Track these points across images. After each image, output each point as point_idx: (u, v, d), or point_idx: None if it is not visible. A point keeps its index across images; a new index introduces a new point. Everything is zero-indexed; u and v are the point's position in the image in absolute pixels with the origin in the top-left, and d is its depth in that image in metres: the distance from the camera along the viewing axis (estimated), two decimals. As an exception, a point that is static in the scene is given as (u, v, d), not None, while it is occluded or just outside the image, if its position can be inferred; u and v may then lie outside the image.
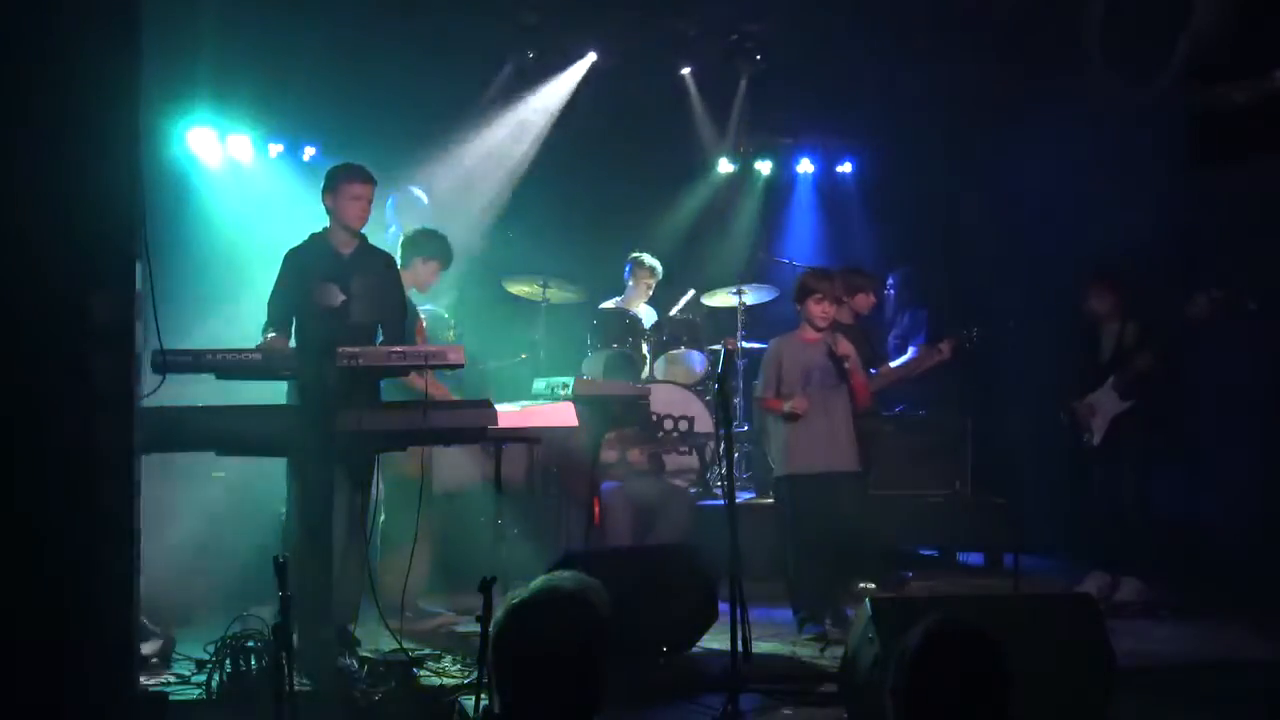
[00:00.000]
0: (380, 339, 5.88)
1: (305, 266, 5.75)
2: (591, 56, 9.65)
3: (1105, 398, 7.37)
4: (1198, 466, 7.79)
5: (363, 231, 5.91)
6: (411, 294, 6.89)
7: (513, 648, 2.52)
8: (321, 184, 5.87)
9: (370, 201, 5.86)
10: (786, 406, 6.54)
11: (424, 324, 6.96)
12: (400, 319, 5.97)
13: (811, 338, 6.67)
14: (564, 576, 2.64)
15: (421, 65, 8.86)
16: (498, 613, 2.58)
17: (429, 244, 6.91)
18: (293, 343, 5.66)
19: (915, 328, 8.83)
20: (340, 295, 5.66)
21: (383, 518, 6.53)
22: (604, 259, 9.38)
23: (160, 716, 4.30)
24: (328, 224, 5.85)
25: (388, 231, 8.22)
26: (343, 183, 5.79)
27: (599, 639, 2.54)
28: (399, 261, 6.92)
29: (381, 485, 6.50)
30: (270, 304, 5.76)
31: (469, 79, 9.39)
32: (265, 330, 5.71)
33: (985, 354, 7.61)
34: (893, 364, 7.89)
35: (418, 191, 8.53)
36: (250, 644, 4.84)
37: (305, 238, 5.90)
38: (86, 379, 3.56)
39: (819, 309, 6.58)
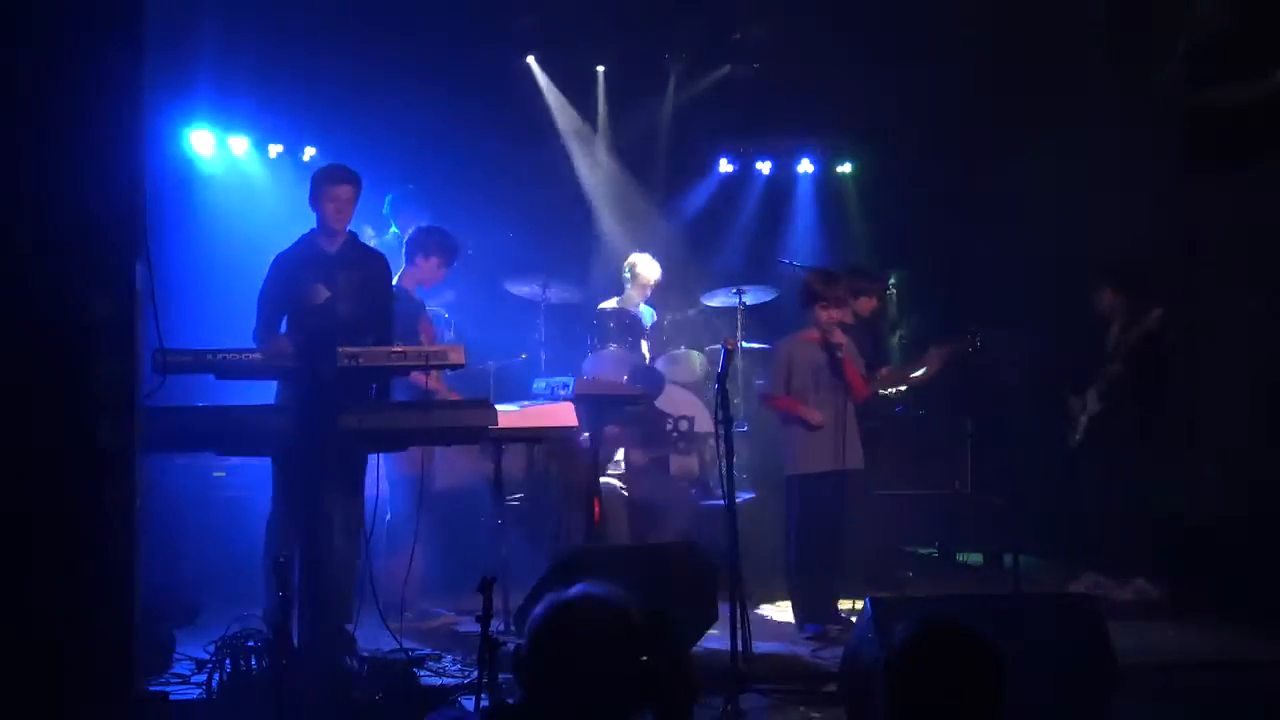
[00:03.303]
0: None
1: (292, 267, 5.82)
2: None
3: (1090, 397, 7.47)
4: (1197, 466, 7.79)
5: (351, 230, 5.97)
6: (417, 292, 6.94)
7: (558, 645, 2.52)
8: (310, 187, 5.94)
9: (350, 200, 5.91)
10: (802, 414, 6.56)
11: (430, 323, 6.99)
12: (385, 316, 6.00)
13: (816, 338, 6.70)
14: (601, 585, 2.65)
15: (421, 65, 8.86)
16: (536, 611, 2.58)
17: (430, 241, 6.95)
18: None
19: (921, 331, 8.83)
20: (325, 292, 5.71)
21: (388, 517, 6.54)
22: (604, 259, 9.38)
23: (160, 716, 4.29)
24: (315, 226, 5.93)
25: (388, 231, 8.22)
26: (323, 185, 5.88)
27: (639, 645, 2.55)
28: (404, 260, 6.96)
29: (386, 484, 6.51)
30: (260, 305, 5.84)
31: (468, 80, 9.39)
32: (257, 331, 5.75)
33: (985, 354, 7.62)
34: (892, 370, 7.90)
35: None
36: (250, 644, 4.83)
37: (295, 240, 5.96)
38: (87, 379, 3.56)
39: (825, 314, 6.61)
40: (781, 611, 6.72)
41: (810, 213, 10.82)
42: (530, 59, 9.71)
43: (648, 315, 8.89)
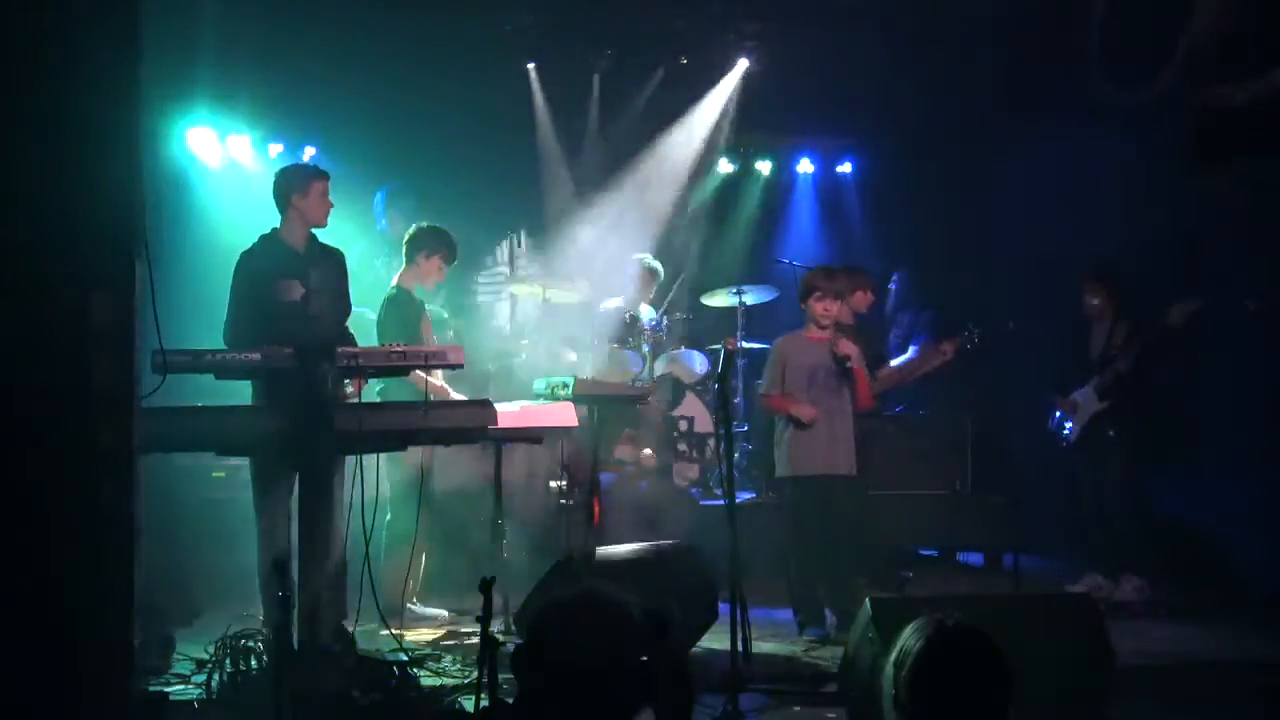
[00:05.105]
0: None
1: (262, 265, 5.81)
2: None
3: (1086, 396, 7.46)
4: (1198, 466, 7.79)
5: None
6: (417, 291, 6.94)
7: (557, 645, 2.53)
8: (280, 185, 5.91)
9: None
10: (794, 411, 6.54)
11: (429, 322, 6.99)
12: (346, 313, 6.03)
13: (816, 337, 6.67)
14: (600, 585, 2.65)
15: (421, 65, 8.87)
16: (536, 610, 2.58)
17: (431, 239, 6.94)
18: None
19: (917, 328, 8.83)
20: (300, 289, 5.73)
21: (389, 516, 6.54)
22: (604, 259, 9.39)
23: (160, 716, 4.29)
24: (279, 224, 5.91)
25: (377, 226, 8.24)
26: (315, 180, 5.88)
27: (639, 645, 2.55)
28: (403, 258, 6.96)
29: (388, 484, 6.51)
30: (232, 303, 5.80)
31: (467, 79, 9.39)
32: (229, 331, 5.72)
33: (986, 354, 7.63)
34: (892, 363, 7.89)
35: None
36: (250, 644, 4.83)
37: (255, 240, 5.93)
38: (87, 379, 3.55)
39: (820, 306, 6.59)
40: (781, 611, 6.72)
41: (810, 213, 10.83)
42: (530, 66, 9.71)
43: (649, 315, 8.90)
